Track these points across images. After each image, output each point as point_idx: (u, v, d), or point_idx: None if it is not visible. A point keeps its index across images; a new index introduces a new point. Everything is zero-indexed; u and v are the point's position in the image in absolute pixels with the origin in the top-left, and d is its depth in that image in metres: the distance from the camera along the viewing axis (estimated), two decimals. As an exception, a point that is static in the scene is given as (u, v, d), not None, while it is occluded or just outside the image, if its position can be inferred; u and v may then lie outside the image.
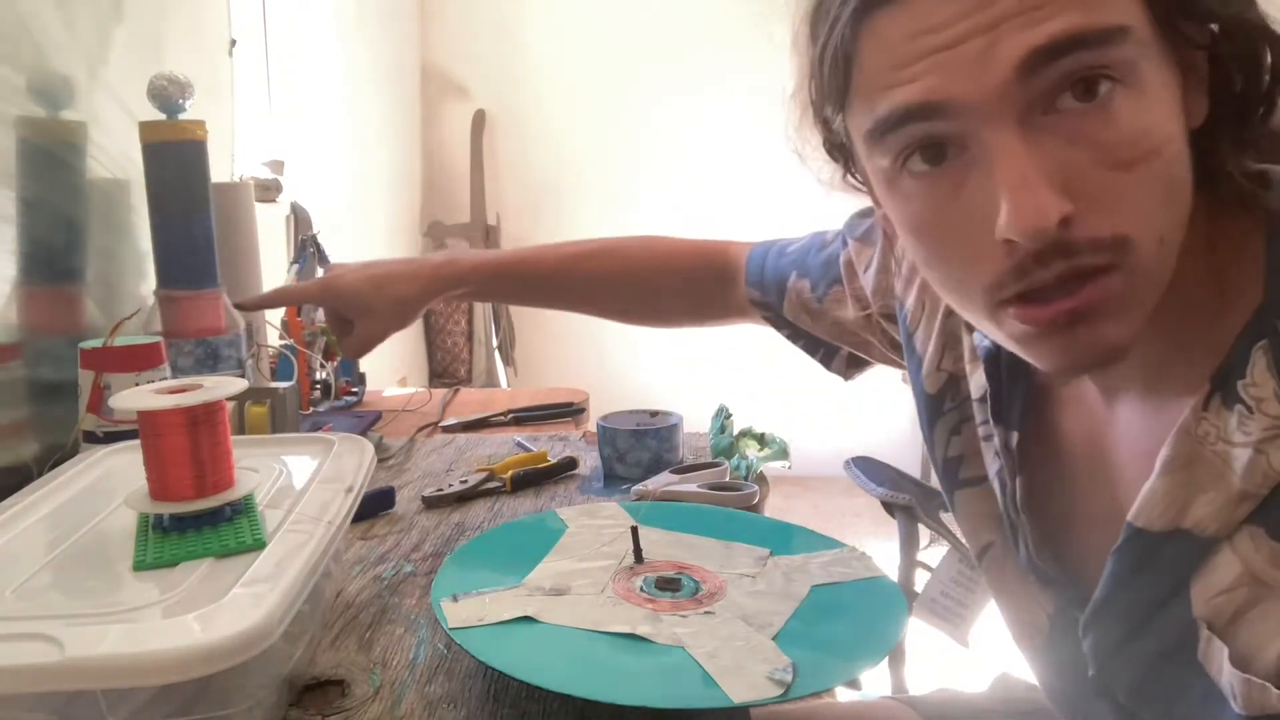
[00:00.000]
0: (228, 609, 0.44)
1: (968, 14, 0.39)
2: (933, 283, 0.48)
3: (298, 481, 0.65)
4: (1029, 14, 0.38)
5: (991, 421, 0.54)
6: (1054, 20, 0.38)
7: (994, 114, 0.39)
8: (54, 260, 1.01)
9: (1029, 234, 0.38)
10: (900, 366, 0.69)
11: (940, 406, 0.60)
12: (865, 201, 0.54)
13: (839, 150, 0.51)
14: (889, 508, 1.58)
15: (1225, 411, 0.42)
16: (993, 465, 0.55)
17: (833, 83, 0.45)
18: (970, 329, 0.57)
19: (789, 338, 0.81)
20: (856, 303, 0.71)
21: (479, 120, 3.15)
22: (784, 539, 0.73)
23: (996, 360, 0.54)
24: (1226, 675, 0.41)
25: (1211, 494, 0.42)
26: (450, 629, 0.57)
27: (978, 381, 0.56)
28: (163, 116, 0.97)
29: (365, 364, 1.40)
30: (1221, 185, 0.43)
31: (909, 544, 1.57)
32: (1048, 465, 0.53)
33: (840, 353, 0.78)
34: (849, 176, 0.52)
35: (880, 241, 0.68)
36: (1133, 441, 0.48)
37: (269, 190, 1.66)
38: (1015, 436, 0.53)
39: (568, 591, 0.63)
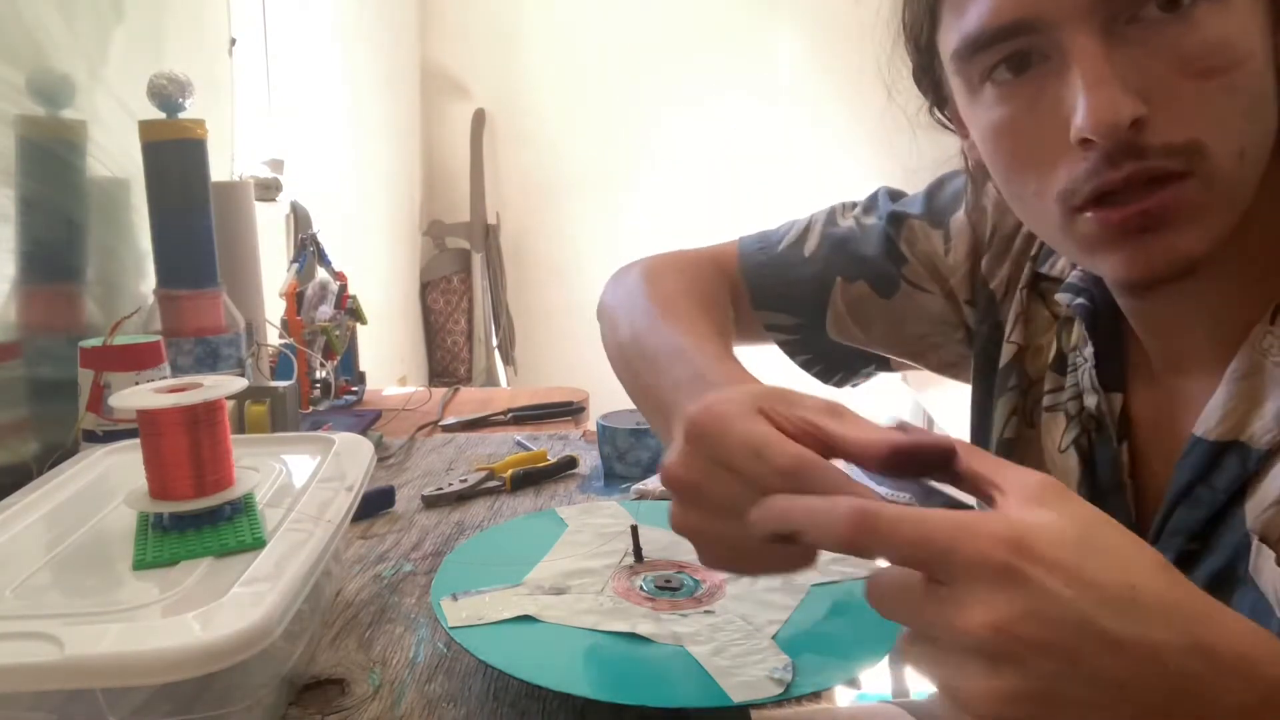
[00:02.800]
0: (227, 608, 0.44)
1: None
2: (1009, 199, 0.49)
3: (298, 480, 0.65)
4: None
5: (1094, 382, 0.54)
6: None
7: (1080, 21, 0.40)
8: (54, 259, 1.01)
9: (1102, 129, 0.39)
10: (956, 377, 0.68)
11: (1005, 382, 0.59)
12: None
13: (928, 81, 0.52)
14: (889, 507, 1.57)
15: None
16: (1068, 434, 0.55)
17: (923, 2, 0.47)
18: (1049, 290, 0.57)
19: (804, 364, 0.73)
20: (941, 290, 0.65)
21: (479, 120, 3.15)
22: (784, 538, 0.73)
23: (1095, 318, 0.53)
24: (1268, 578, 0.42)
25: (1268, 406, 0.43)
26: (450, 628, 0.57)
27: (1057, 348, 0.56)
28: (162, 115, 0.96)
29: (365, 363, 1.40)
30: None
31: (909, 543, 1.56)
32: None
33: (866, 368, 0.72)
34: (935, 111, 0.54)
35: (967, 208, 0.64)
36: (1196, 413, 0.48)
37: (269, 189, 1.65)
38: (1119, 399, 0.53)
39: (567, 590, 0.63)
